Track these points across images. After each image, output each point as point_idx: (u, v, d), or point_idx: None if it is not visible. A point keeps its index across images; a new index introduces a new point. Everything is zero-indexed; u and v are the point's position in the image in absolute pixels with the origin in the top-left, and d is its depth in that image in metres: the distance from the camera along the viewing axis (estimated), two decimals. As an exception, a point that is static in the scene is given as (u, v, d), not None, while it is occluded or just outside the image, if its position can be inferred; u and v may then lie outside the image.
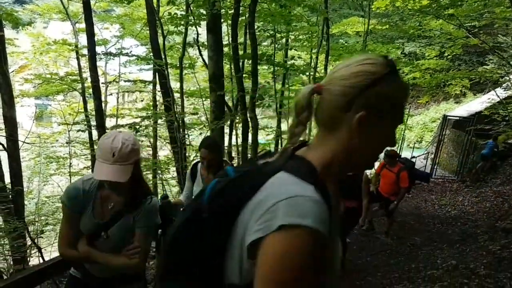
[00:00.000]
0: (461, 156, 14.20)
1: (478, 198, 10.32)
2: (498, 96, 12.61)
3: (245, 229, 0.90)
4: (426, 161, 15.97)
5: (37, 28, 22.19)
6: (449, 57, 17.74)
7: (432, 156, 15.92)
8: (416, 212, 9.84)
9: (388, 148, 4.55)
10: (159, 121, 11.31)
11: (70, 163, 11.85)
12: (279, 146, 13.58)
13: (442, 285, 4.74)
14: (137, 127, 9.47)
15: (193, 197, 3.63)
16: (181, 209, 3.82)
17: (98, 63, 8.34)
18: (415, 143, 24.22)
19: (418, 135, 25.93)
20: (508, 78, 11.96)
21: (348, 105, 0.94)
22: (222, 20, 8.11)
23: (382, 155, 5.76)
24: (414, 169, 7.54)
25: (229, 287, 0.96)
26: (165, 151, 14.31)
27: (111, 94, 15.49)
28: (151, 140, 12.65)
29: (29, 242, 7.56)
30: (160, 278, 1.10)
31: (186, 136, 9.69)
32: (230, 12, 8.17)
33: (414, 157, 14.93)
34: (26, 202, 9.39)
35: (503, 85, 13.78)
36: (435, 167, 14.72)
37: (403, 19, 14.19)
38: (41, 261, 7.24)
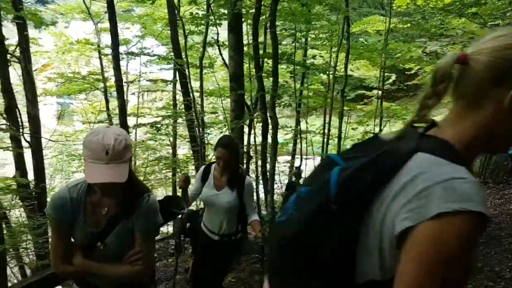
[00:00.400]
0: (482, 157, 13.94)
1: (502, 200, 10.12)
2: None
3: (384, 216, 0.83)
4: (447, 162, 15.74)
5: (58, 28, 22.53)
6: (471, 56, 17.39)
7: (453, 156, 15.68)
8: (437, 214, 9.69)
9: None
10: (179, 120, 11.38)
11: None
12: (298, 145, 13.52)
13: (466, 288, 4.67)
14: (158, 125, 9.56)
15: (199, 199, 3.39)
16: (185, 208, 3.66)
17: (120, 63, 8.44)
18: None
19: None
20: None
21: (498, 79, 0.84)
22: (242, 20, 8.12)
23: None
24: None
25: (366, 285, 0.87)
26: (184, 150, 14.40)
27: (133, 93, 15.65)
28: (171, 139, 12.73)
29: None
30: (280, 279, 1.02)
31: (206, 135, 9.74)
32: (250, 11, 8.18)
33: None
34: (48, 199, 9.55)
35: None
36: (456, 168, 14.50)
37: (425, 17, 13.98)
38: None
